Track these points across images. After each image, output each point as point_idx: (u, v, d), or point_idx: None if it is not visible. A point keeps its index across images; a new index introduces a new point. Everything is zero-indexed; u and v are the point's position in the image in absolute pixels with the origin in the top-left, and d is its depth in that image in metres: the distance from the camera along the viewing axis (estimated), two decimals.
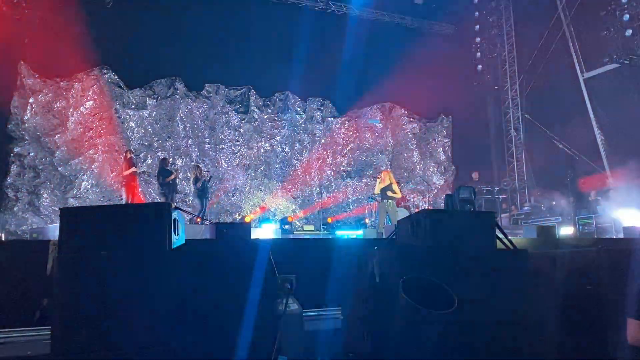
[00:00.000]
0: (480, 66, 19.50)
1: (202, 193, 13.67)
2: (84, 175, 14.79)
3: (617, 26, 14.37)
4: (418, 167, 19.54)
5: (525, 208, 16.96)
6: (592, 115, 16.18)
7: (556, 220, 14.28)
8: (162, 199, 13.35)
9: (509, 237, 4.51)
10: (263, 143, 17.44)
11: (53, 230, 10.08)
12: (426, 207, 18.38)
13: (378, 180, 12.57)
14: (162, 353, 3.23)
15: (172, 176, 13.29)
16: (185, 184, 15.58)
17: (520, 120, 19.29)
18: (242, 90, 17.23)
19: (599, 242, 7.87)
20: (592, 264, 4.08)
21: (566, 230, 13.00)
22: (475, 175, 17.28)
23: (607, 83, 15.46)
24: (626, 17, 14.20)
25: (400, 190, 13.49)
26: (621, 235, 10.98)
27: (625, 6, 14.26)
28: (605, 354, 3.92)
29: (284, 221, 15.48)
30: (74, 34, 13.70)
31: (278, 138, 17.63)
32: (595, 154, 15.97)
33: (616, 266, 4.00)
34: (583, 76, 16.49)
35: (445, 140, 19.92)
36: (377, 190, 12.27)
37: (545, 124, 17.81)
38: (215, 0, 16.11)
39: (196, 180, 13.61)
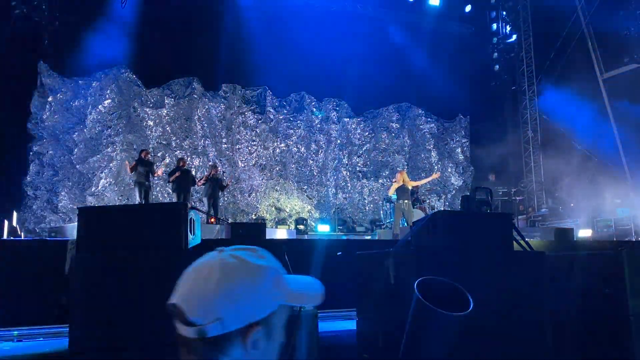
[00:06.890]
0: (497, 66, 19.36)
1: (211, 192, 13.44)
2: (102, 173, 14.93)
3: (638, 25, 14.16)
4: (436, 167, 19.44)
5: (543, 210, 16.78)
6: (611, 117, 15.96)
7: (574, 222, 14.11)
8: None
9: (526, 239, 4.47)
10: (279, 143, 17.47)
11: (71, 230, 10.20)
12: (442, 209, 18.29)
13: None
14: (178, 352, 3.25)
15: (173, 177, 12.95)
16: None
17: (538, 121, 19.10)
18: (258, 91, 17.27)
19: (619, 245, 7.77)
20: (611, 267, 4.03)
21: (584, 233, 12.84)
22: (492, 177, 17.17)
23: (627, 83, 15.24)
24: None
25: (417, 190, 13.43)
26: None
27: None
28: (625, 359, 3.87)
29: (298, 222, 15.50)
30: (93, 34, 13.93)
31: (294, 138, 17.64)
32: (614, 155, 15.75)
33: (636, 269, 3.95)
34: (602, 76, 16.28)
35: (464, 141, 19.78)
36: (391, 192, 12.16)
37: (563, 125, 17.61)
38: (231, 0, 16.21)
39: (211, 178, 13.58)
